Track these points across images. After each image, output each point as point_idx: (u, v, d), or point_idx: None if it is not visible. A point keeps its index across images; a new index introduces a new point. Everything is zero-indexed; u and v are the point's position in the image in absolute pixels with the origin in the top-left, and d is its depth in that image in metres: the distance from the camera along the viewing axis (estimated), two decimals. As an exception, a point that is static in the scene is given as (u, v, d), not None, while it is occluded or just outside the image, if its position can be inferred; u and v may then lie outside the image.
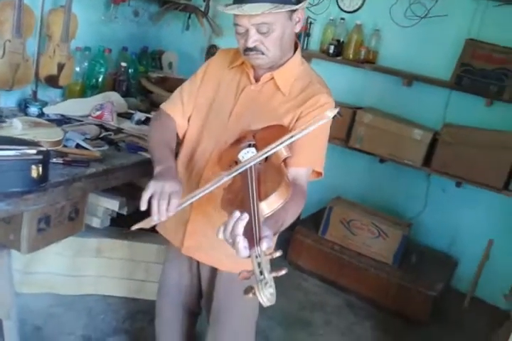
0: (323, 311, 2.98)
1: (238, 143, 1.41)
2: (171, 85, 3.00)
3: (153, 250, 2.56)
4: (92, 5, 2.69)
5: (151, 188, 1.26)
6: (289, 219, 1.23)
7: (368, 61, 3.19)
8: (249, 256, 0.99)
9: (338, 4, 3.34)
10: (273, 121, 1.42)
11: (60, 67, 2.42)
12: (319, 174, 1.48)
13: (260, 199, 1.10)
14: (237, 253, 1.02)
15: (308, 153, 1.41)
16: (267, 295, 0.90)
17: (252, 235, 1.01)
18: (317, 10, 3.38)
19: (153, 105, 2.81)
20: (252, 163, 1.21)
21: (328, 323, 2.88)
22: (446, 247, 3.38)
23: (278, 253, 0.97)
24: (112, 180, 2.00)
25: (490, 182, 2.92)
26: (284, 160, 1.31)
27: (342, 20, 3.24)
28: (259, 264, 0.96)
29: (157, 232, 1.72)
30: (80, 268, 2.52)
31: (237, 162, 1.31)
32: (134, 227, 1.28)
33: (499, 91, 2.84)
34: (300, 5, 1.33)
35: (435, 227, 3.38)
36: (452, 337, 2.93)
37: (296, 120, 1.42)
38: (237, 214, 1.05)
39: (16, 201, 1.54)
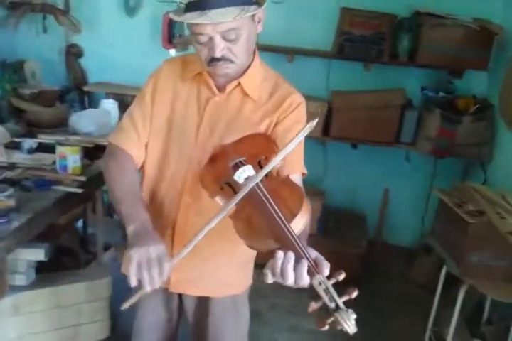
0: (264, 297, 2.98)
1: (215, 161, 1.29)
2: (47, 99, 2.68)
3: (81, 289, 2.25)
4: None
5: (135, 259, 1.10)
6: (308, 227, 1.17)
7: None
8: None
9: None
10: (248, 131, 1.31)
11: None
12: (304, 174, 1.43)
13: (288, 220, 1.01)
14: (297, 286, 0.97)
15: (298, 158, 1.37)
16: (353, 323, 0.88)
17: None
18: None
19: (33, 125, 2.48)
20: (255, 182, 1.10)
21: (273, 307, 2.91)
22: (350, 205, 3.60)
23: (342, 275, 0.94)
24: (35, 228, 1.74)
25: (383, 139, 3.14)
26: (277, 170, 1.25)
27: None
28: (326, 291, 0.92)
29: (79, 268, 1.54)
30: (-3, 333, 2.14)
31: (229, 183, 1.20)
32: (126, 306, 1.14)
33: (378, 55, 2.98)
34: (264, 4, 1.21)
35: (338, 189, 3.55)
36: (378, 283, 3.17)
37: (275, 125, 1.34)
38: (281, 254, 0.97)
39: None
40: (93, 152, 2.19)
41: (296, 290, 1.03)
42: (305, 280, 0.95)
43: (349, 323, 0.87)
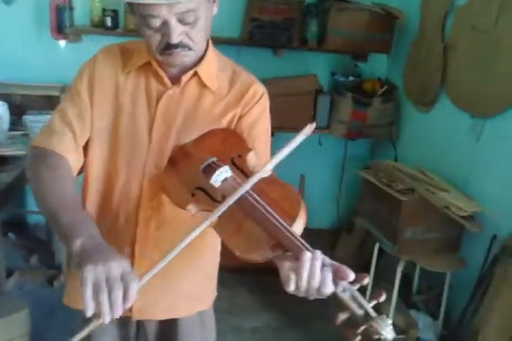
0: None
1: (176, 164, 1.15)
2: None
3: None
4: None
5: (90, 280, 0.84)
6: None
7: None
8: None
9: (96, -31, 2.91)
10: (209, 127, 1.18)
11: None
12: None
13: (289, 224, 0.92)
14: (319, 295, 0.86)
15: (268, 152, 1.29)
16: (391, 329, 0.81)
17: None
18: (74, -22, 2.90)
19: None
20: (246, 189, 0.98)
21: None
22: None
23: (366, 280, 0.85)
24: None
25: (299, 126, 3.12)
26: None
27: (109, -13, 2.86)
28: (353, 298, 0.84)
29: None
30: None
31: (202, 188, 1.06)
32: None
33: (289, 40, 2.97)
34: None
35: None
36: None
37: (238, 119, 1.22)
38: (309, 255, 0.86)
39: None
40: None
41: (232, 289, 0.92)
42: (330, 288, 0.84)
43: (387, 330, 0.80)
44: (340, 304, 0.85)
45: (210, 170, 1.05)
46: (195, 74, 1.17)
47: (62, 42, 3.10)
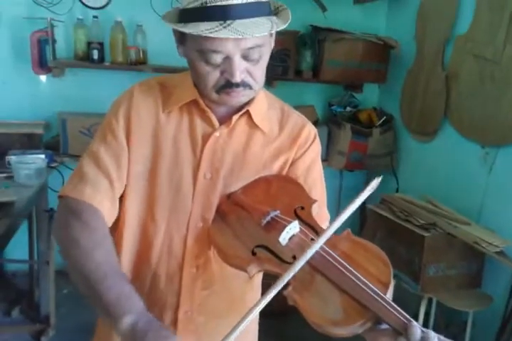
0: None
1: (228, 216, 1.01)
2: None
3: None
4: None
5: None
6: None
7: (139, 62, 2.80)
8: None
9: (80, 0, 2.77)
10: (260, 172, 1.06)
11: None
12: None
13: (384, 292, 0.80)
14: None
15: (325, 200, 1.18)
16: None
17: None
18: (58, 9, 2.75)
19: None
20: (320, 245, 0.86)
21: None
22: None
23: None
24: None
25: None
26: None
27: (95, 19, 2.72)
28: None
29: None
30: None
31: (265, 246, 0.91)
32: None
33: (284, 72, 2.89)
34: (289, 18, 0.96)
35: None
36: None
37: (291, 164, 1.10)
38: (418, 327, 0.75)
39: None
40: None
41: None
42: None
43: None
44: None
45: (275, 225, 0.92)
46: (246, 113, 1.04)
47: (43, 77, 2.94)
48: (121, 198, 1.05)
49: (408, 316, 0.77)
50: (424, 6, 2.84)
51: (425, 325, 2.56)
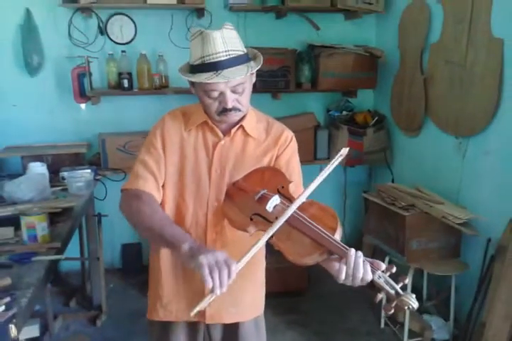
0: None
1: (233, 197, 1.47)
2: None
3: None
4: None
5: (205, 262, 1.19)
6: None
7: (162, 86, 3.32)
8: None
9: (109, 38, 3.32)
10: (255, 166, 1.52)
11: None
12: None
13: (333, 234, 1.22)
14: (362, 282, 1.18)
15: (301, 181, 1.63)
16: (415, 300, 1.13)
17: None
18: (92, 48, 3.31)
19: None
20: (293, 210, 1.29)
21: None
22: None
23: (394, 269, 1.18)
24: (30, 306, 1.58)
25: (303, 159, 3.44)
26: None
27: (123, 53, 3.26)
28: (386, 282, 1.16)
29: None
30: None
31: (259, 214, 1.35)
32: (195, 312, 1.19)
33: (286, 85, 3.36)
34: (261, 61, 1.42)
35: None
36: (325, 288, 3.42)
37: (276, 158, 1.56)
38: (353, 253, 1.18)
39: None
40: (52, 217, 2.13)
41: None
42: (369, 275, 1.17)
43: (413, 300, 1.12)
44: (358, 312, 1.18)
45: (264, 199, 1.38)
46: (241, 126, 1.53)
47: (83, 105, 3.44)
48: (163, 187, 1.54)
49: (348, 247, 1.20)
50: (404, 19, 3.27)
51: (418, 294, 2.96)
